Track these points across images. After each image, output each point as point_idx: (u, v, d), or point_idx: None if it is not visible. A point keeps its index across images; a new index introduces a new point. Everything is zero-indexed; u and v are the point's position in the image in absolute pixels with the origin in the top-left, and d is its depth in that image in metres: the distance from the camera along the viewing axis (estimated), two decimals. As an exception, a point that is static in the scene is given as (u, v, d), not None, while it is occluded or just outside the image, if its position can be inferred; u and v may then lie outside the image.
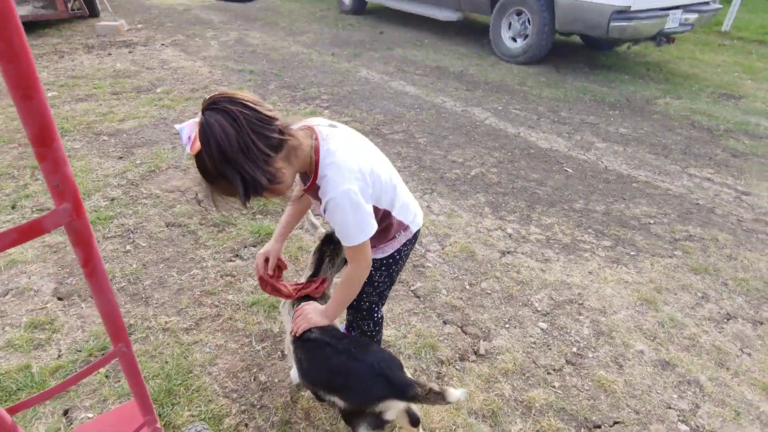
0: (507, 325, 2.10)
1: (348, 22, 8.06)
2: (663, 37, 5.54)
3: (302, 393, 1.73)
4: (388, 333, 2.00)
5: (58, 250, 2.36)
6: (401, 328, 2.05)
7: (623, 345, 2.02)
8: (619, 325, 2.12)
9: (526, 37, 5.83)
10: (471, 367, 1.87)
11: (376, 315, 1.60)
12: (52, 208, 0.73)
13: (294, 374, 1.73)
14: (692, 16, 5.50)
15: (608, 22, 4.94)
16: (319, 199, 1.18)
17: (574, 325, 2.12)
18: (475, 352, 1.96)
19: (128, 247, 2.43)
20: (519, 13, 5.78)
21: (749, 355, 1.99)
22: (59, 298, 2.08)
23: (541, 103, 4.78)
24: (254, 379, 1.78)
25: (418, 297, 2.25)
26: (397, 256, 1.44)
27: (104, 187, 2.93)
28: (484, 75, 5.54)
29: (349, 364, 1.29)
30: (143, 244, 2.46)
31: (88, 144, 3.48)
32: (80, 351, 1.82)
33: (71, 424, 1.57)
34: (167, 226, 2.61)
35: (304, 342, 1.37)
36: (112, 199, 2.81)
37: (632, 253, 2.63)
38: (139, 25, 7.31)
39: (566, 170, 3.51)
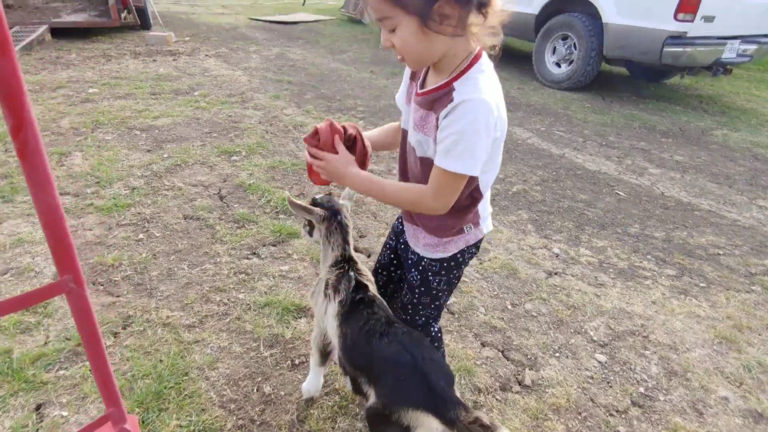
0: (557, 354, 1.78)
1: (388, 45, 8.07)
2: (720, 67, 5.22)
3: (312, 411, 1.46)
4: None
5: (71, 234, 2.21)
6: (432, 346, 1.76)
7: (702, 389, 1.66)
8: (695, 365, 1.77)
9: (571, 62, 5.62)
10: (515, 399, 1.56)
11: (433, 329, 1.34)
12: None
13: (306, 387, 1.47)
14: (751, 47, 5.19)
15: (662, 47, 4.68)
16: (432, 109, 0.97)
17: (640, 361, 1.78)
18: (520, 382, 1.64)
19: (141, 236, 2.26)
20: (564, 38, 5.59)
21: None
22: (59, 282, 1.90)
23: (586, 127, 4.51)
24: (257, 390, 1.52)
25: (452, 313, 1.96)
26: (460, 259, 1.18)
27: (127, 176, 2.81)
28: (526, 98, 5.33)
29: (391, 350, 1.07)
30: (157, 234, 2.29)
31: (119, 137, 3.42)
32: (69, 339, 1.61)
33: (42, 420, 1.34)
34: (185, 219, 2.44)
35: (352, 314, 1.19)
36: (133, 188, 2.68)
37: (702, 284, 2.27)
38: (186, 38, 7.52)
39: (618, 193, 3.20)
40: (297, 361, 1.63)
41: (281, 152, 3.41)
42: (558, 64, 5.79)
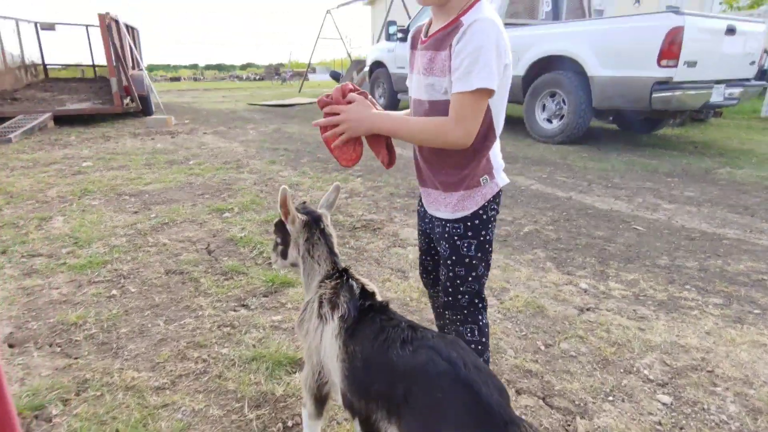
0: (611, 398, 1.45)
1: (381, 117, 8.32)
2: (710, 110, 5.28)
3: (310, 485, 1.12)
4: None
5: (33, 294, 1.95)
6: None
7: (801, 429, 1.32)
8: (781, 400, 1.44)
9: (561, 117, 5.70)
10: (569, 456, 1.22)
11: (481, 318, 1.19)
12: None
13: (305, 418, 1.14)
14: (737, 90, 5.29)
15: (650, 93, 4.74)
16: (440, 48, 0.99)
17: (712, 400, 1.44)
18: (570, 435, 1.31)
19: (114, 292, 2.00)
20: (553, 95, 5.73)
21: None
22: (10, 345, 1.62)
23: (588, 172, 4.41)
24: (240, 462, 1.18)
25: (476, 358, 1.65)
26: (484, 217, 1.12)
27: (109, 236, 2.61)
28: (522, 152, 5.32)
29: (420, 359, 0.80)
30: (132, 290, 2.03)
31: (107, 202, 3.27)
32: (6, 409, 1.30)
33: None
34: (166, 273, 2.19)
35: (361, 326, 0.94)
36: (113, 247, 2.46)
37: (756, 311, 1.98)
38: (186, 121, 7.75)
39: (636, 228, 2.98)
40: (290, 423, 1.30)
41: (276, 208, 3.24)
42: (549, 120, 5.87)
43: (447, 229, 1.14)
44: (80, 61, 10.94)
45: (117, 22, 7.27)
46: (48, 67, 10.10)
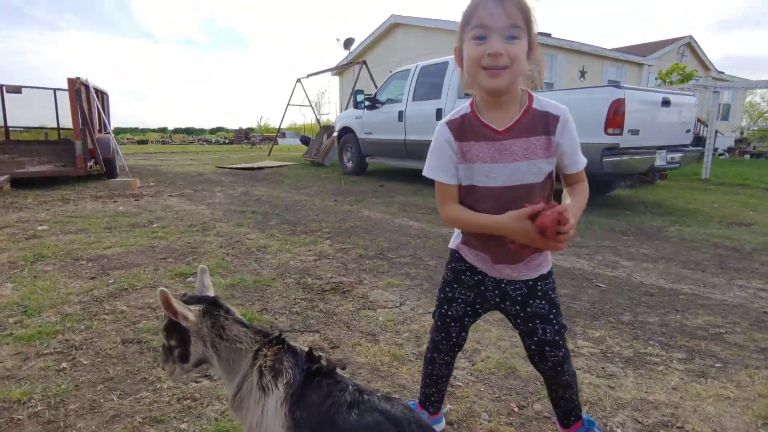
0: (586, 460, 1.43)
1: (350, 180, 8.52)
2: (656, 173, 5.71)
3: None
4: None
5: (-31, 370, 1.79)
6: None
7: (771, 485, 1.33)
8: (750, 454, 1.45)
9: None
10: None
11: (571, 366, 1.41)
12: None
13: None
14: (677, 155, 5.78)
15: (601, 158, 5.11)
16: (533, 134, 1.16)
17: (685, 457, 1.44)
18: (550, 502, 1.26)
19: (64, 365, 1.85)
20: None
21: None
22: (-62, 431, 1.45)
23: (550, 232, 4.59)
24: None
25: (450, 423, 1.61)
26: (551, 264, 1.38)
27: (62, 303, 2.46)
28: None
29: (366, 422, 0.82)
30: (85, 362, 1.89)
31: (61, 267, 3.11)
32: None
33: None
34: (123, 343, 2.07)
35: (307, 390, 0.92)
36: (66, 315, 2.31)
37: (717, 365, 2.04)
38: (151, 183, 7.66)
39: (598, 285, 3.09)
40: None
41: (242, 271, 3.18)
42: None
43: (540, 286, 1.29)
44: (45, 123, 10.81)
45: (87, 86, 7.33)
46: (10, 129, 9.91)
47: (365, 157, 8.85)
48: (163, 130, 46.90)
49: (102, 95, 9.03)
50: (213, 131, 44.60)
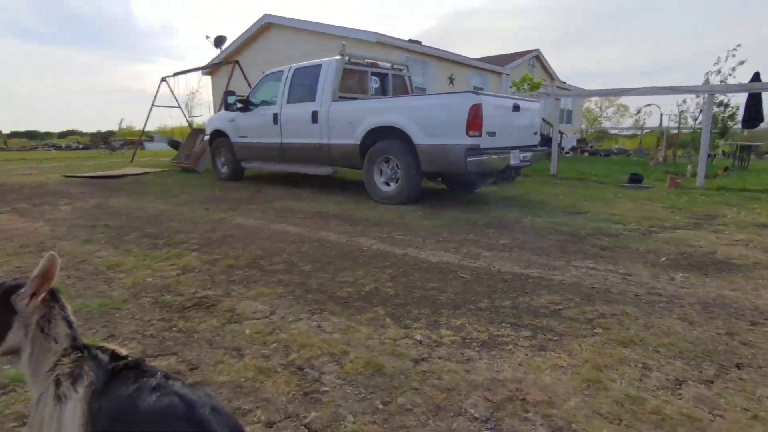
0: (441, 445, 1.50)
1: (225, 186, 8.03)
2: (511, 170, 6.37)
3: None
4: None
5: None
6: (290, 481, 1.32)
7: (589, 437, 1.54)
8: (575, 414, 1.67)
9: (397, 180, 6.24)
10: None
11: None
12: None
13: None
14: (528, 155, 6.52)
15: (465, 157, 5.54)
16: None
17: (525, 426, 1.60)
18: (406, 495, 1.30)
19: None
20: (387, 160, 6.28)
21: (722, 416, 1.65)
22: None
23: (422, 230, 4.84)
24: None
25: (314, 431, 1.57)
26: None
27: None
28: (364, 215, 5.61)
29: (162, 404, 0.84)
30: None
31: None
32: None
33: None
34: None
35: (112, 384, 0.91)
36: None
37: (555, 338, 2.32)
38: (-32, 199, 6.33)
39: (462, 276, 3.32)
40: None
41: (87, 295, 2.77)
42: (387, 183, 6.37)
43: None
44: None
45: None
46: None
47: (241, 162, 8.42)
48: (-6, 134, 39.32)
49: None
50: (63, 135, 38.63)
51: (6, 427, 1.56)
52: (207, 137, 9.13)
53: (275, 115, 7.47)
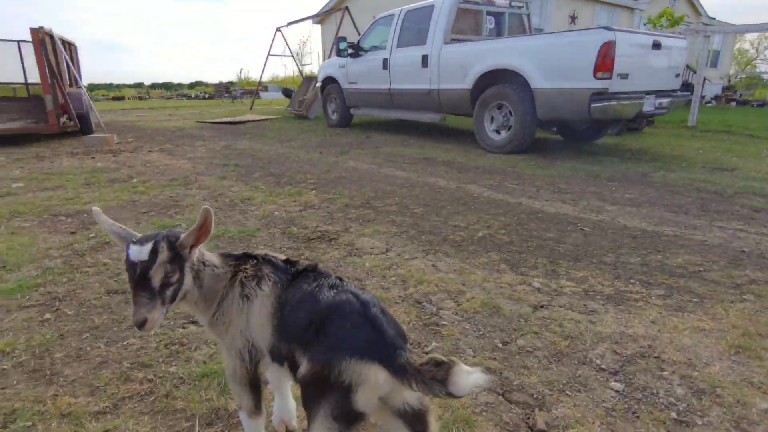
0: (566, 390, 1.49)
1: (335, 132, 8.34)
2: (643, 119, 5.66)
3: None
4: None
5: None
6: (417, 398, 1.42)
7: (739, 404, 1.40)
8: (720, 379, 1.52)
9: (509, 128, 5.92)
10: (530, 448, 1.23)
11: None
12: None
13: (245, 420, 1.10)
14: (665, 101, 5.71)
15: (589, 104, 5.03)
16: None
17: (660, 384, 1.51)
18: (531, 428, 1.32)
19: (47, 316, 1.84)
20: (500, 107, 5.95)
21: None
22: None
23: (536, 179, 4.59)
24: (190, 485, 1.10)
25: (436, 359, 1.64)
26: None
27: (42, 258, 2.41)
28: (474, 162, 5.47)
29: (340, 299, 0.96)
30: (69, 312, 1.87)
31: (39, 223, 3.03)
32: None
33: None
34: (107, 294, 2.05)
35: (296, 281, 1.05)
36: (47, 269, 2.27)
37: (695, 300, 2.10)
38: (130, 139, 7.41)
39: (582, 229, 3.12)
40: None
41: (227, 223, 3.14)
42: (498, 131, 6.08)
43: None
44: (12, 79, 10.22)
45: (52, 36, 6.89)
46: (-26, 85, 9.39)
47: (350, 109, 8.63)
48: (140, 85, 44.98)
49: (70, 47, 8.52)
50: (191, 86, 42.90)
51: (176, 324, 1.86)
52: (319, 84, 9.44)
53: (384, 60, 7.42)
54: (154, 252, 0.97)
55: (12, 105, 8.31)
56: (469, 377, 0.75)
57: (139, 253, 0.97)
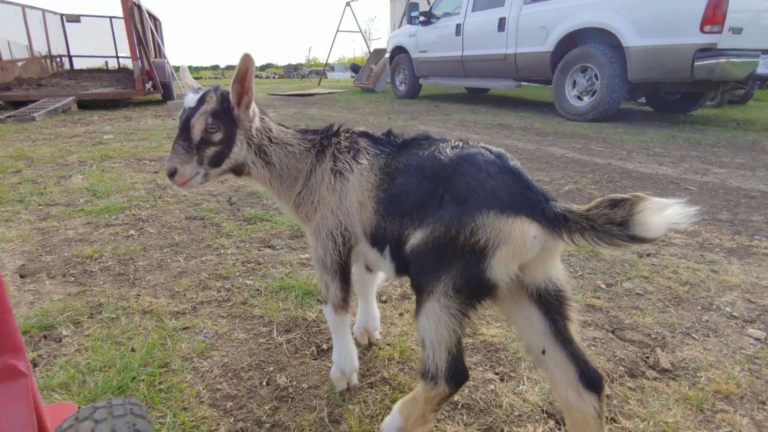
0: (692, 333, 1.25)
1: (403, 102, 8.17)
2: (757, 81, 4.95)
3: (350, 407, 0.95)
4: (501, 336, 1.22)
5: (48, 233, 1.85)
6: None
7: None
8: None
9: (593, 93, 5.42)
10: (657, 387, 1.03)
11: None
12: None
13: (338, 366, 0.98)
14: (787, 61, 4.93)
15: (692, 62, 4.45)
16: None
17: (815, 334, 1.23)
18: (652, 367, 1.11)
19: (132, 233, 1.87)
20: (584, 70, 5.46)
21: None
22: (21, 275, 1.50)
23: (625, 144, 4.16)
24: (267, 383, 1.03)
25: (529, 294, 1.47)
26: None
27: (128, 189, 2.50)
28: (552, 128, 5.08)
29: (470, 151, 0.79)
30: (151, 231, 1.90)
31: (126, 165, 3.18)
32: (11, 326, 1.17)
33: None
34: (186, 219, 2.07)
35: (404, 150, 0.89)
36: (132, 197, 2.35)
37: None
38: (205, 107, 7.73)
39: (687, 188, 2.75)
40: (325, 346, 1.15)
41: (299, 170, 3.11)
42: (579, 97, 5.60)
43: None
44: (104, 52, 11.06)
45: (139, 7, 7.28)
46: (73, 58, 10.25)
47: (419, 79, 8.40)
48: (215, 67, 47.34)
49: (155, 21, 9.00)
50: (263, 68, 44.42)
51: (251, 246, 1.83)
52: (387, 55, 9.28)
53: (457, 26, 7.09)
54: (201, 100, 0.91)
55: (104, 75, 8.97)
56: (662, 213, 0.57)
57: (191, 99, 0.92)
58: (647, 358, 1.14)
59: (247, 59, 0.88)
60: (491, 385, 1.03)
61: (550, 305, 0.72)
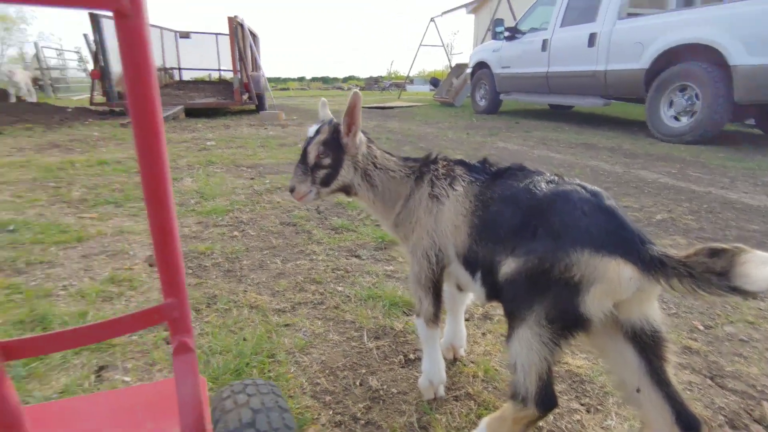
0: (804, 386, 1.16)
1: (482, 118, 8.13)
2: None
3: (438, 416, 1.01)
4: (588, 368, 1.22)
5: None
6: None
7: None
8: None
9: (692, 114, 5.04)
10: (759, 437, 0.97)
11: None
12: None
13: (427, 376, 1.05)
14: None
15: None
16: None
17: None
18: (758, 421, 1.05)
19: (235, 234, 2.09)
20: (683, 89, 5.10)
21: None
22: (150, 265, 1.74)
23: (728, 171, 3.82)
24: (361, 383, 1.12)
25: (617, 326, 1.43)
26: None
27: (230, 194, 2.78)
28: (644, 149, 4.79)
29: (564, 188, 0.81)
30: (252, 233, 2.11)
31: (227, 170, 3.52)
32: (147, 309, 1.38)
33: (101, 382, 1.06)
34: (281, 224, 2.26)
35: (498, 179, 0.94)
36: (234, 201, 2.61)
37: None
38: (294, 117, 8.24)
39: (806, 225, 2.48)
40: (412, 356, 1.22)
41: (381, 183, 3.24)
42: (676, 118, 5.23)
43: None
44: (208, 65, 12.19)
45: (242, 25, 7.98)
46: (183, 70, 11.42)
47: (499, 95, 8.31)
48: (301, 79, 50.02)
49: (254, 37, 9.80)
50: (345, 80, 46.21)
51: (340, 254, 1.96)
52: (469, 70, 9.29)
53: (544, 42, 6.94)
54: (317, 131, 1.08)
55: (207, 86, 9.90)
56: (766, 267, 0.58)
57: (310, 130, 1.08)
58: (752, 410, 1.08)
59: (355, 96, 1.03)
60: (577, 415, 1.04)
61: (646, 345, 0.73)
